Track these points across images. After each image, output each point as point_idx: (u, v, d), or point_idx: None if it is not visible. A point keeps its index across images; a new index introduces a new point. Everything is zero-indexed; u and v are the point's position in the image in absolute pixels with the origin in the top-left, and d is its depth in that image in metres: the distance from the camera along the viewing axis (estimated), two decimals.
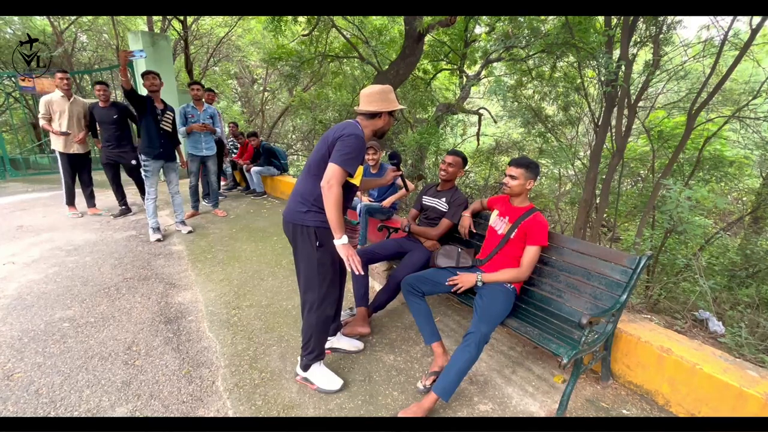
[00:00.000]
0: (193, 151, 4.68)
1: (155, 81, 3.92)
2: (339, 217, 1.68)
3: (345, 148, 1.69)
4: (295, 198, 1.85)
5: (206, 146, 4.73)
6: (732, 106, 4.96)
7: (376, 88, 1.86)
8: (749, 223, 5.01)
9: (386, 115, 1.87)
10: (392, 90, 1.90)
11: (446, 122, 8.42)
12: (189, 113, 4.58)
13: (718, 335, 2.20)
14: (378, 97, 1.84)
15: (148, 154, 3.87)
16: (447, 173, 2.57)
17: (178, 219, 4.36)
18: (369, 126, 1.87)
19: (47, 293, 2.84)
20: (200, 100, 4.64)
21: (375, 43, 6.91)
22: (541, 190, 7.39)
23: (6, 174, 7.07)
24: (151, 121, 3.87)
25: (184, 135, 4.55)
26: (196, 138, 4.62)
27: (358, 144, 1.72)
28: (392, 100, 1.87)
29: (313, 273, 1.81)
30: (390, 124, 1.93)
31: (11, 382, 1.94)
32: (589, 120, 5.87)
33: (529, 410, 1.85)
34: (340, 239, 1.71)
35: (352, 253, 1.73)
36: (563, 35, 4.33)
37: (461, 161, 2.59)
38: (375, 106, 1.83)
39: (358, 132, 1.75)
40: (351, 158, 1.69)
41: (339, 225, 1.69)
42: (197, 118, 4.60)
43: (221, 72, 13.57)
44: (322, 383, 1.94)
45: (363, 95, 1.87)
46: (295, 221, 1.81)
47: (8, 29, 10.61)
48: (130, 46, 6.99)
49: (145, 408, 1.80)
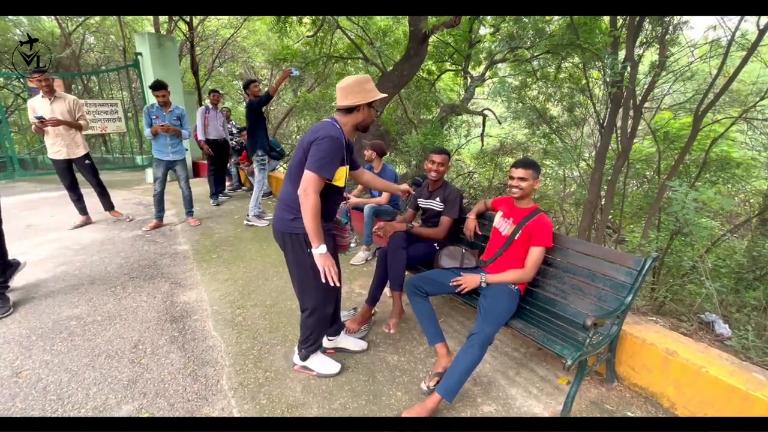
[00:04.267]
0: (158, 155, 4.27)
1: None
2: (316, 226, 1.64)
3: (319, 153, 1.63)
4: (280, 206, 1.82)
5: (173, 150, 4.31)
6: (739, 107, 4.91)
7: (351, 80, 1.75)
8: (756, 225, 4.95)
9: (365, 108, 1.77)
10: (369, 80, 1.79)
11: (450, 123, 8.42)
12: (153, 114, 4.22)
13: (725, 338, 2.18)
14: (354, 89, 1.73)
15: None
16: (438, 173, 2.54)
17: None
18: (348, 122, 1.78)
19: (55, 292, 2.88)
20: (168, 104, 4.25)
21: (379, 44, 6.92)
22: (546, 191, 7.36)
23: (15, 174, 7.15)
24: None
25: (149, 137, 4.25)
26: (161, 141, 4.23)
27: (332, 146, 1.65)
28: (369, 90, 1.76)
29: (308, 278, 1.79)
30: (372, 117, 1.83)
31: (20, 379, 1.96)
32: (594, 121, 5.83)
33: (533, 411, 1.85)
34: (318, 248, 1.66)
35: (329, 264, 1.69)
36: (568, 36, 4.32)
37: (447, 158, 2.57)
38: (351, 100, 1.73)
39: (333, 133, 1.67)
40: (326, 163, 1.63)
41: (316, 234, 1.64)
42: (162, 120, 4.21)
43: (226, 73, 13.65)
44: (321, 369, 2.02)
45: (338, 89, 1.76)
46: (284, 230, 1.79)
47: (17, 31, 10.74)
48: (137, 48, 7.06)
49: (150, 406, 1.82)
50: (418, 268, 2.59)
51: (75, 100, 4.13)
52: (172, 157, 4.33)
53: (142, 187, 6.73)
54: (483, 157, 7.72)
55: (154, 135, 4.20)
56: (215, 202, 5.66)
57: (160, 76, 6.70)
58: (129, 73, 7.96)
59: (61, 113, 3.98)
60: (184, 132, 4.37)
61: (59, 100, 4.01)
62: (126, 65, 8.09)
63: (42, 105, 3.94)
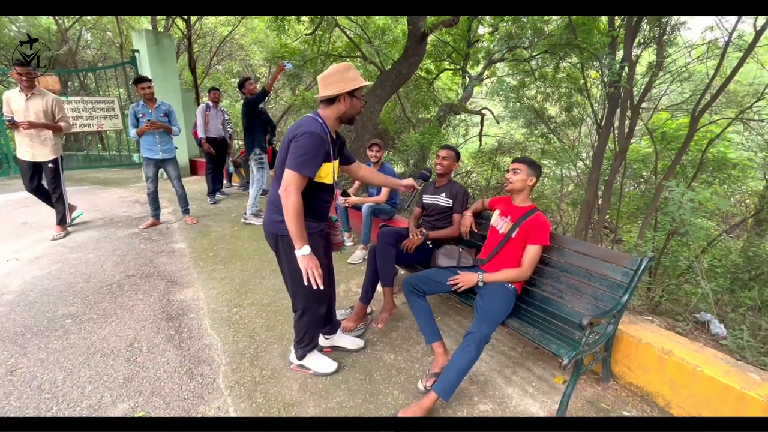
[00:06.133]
0: (147, 153, 4.15)
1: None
2: (299, 226, 1.59)
3: (298, 150, 1.57)
4: (269, 207, 1.79)
5: (162, 148, 4.17)
6: (736, 108, 4.94)
7: (331, 69, 1.67)
8: (752, 226, 4.98)
9: (346, 97, 1.67)
10: (351, 67, 1.68)
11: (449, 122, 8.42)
12: (139, 112, 4.06)
13: (720, 338, 2.19)
14: (334, 79, 1.65)
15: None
16: (443, 167, 2.61)
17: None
18: (331, 114, 1.70)
19: (50, 290, 2.86)
20: (153, 99, 4.13)
21: (378, 43, 6.91)
22: (543, 191, 7.38)
23: (11, 171, 7.11)
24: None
25: (135, 137, 4.14)
26: (150, 139, 4.10)
27: (311, 142, 1.58)
28: (351, 79, 1.66)
29: (300, 279, 1.74)
30: (355, 107, 1.72)
31: (14, 377, 1.95)
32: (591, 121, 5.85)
33: (530, 410, 1.85)
34: (301, 249, 1.62)
35: (312, 265, 1.65)
36: (566, 36, 4.33)
37: (454, 154, 2.65)
38: (332, 90, 1.65)
39: (313, 128, 1.61)
40: (305, 160, 1.57)
41: (299, 235, 1.60)
42: (149, 117, 4.05)
43: (224, 71, 13.60)
44: (318, 367, 2.02)
45: (319, 79, 1.68)
46: (274, 231, 1.75)
47: (13, 27, 10.66)
48: (134, 45, 7.02)
49: (146, 404, 1.81)
50: (416, 267, 2.59)
51: (55, 99, 3.77)
52: (162, 156, 4.19)
53: (139, 185, 6.69)
54: (481, 156, 7.73)
55: (140, 135, 4.06)
56: (212, 201, 5.64)
57: (157, 74, 6.69)
58: (126, 70, 7.91)
59: (36, 112, 3.63)
60: (174, 128, 4.21)
61: (36, 97, 3.66)
62: (123, 62, 8.05)
63: (17, 100, 3.64)
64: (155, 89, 4.18)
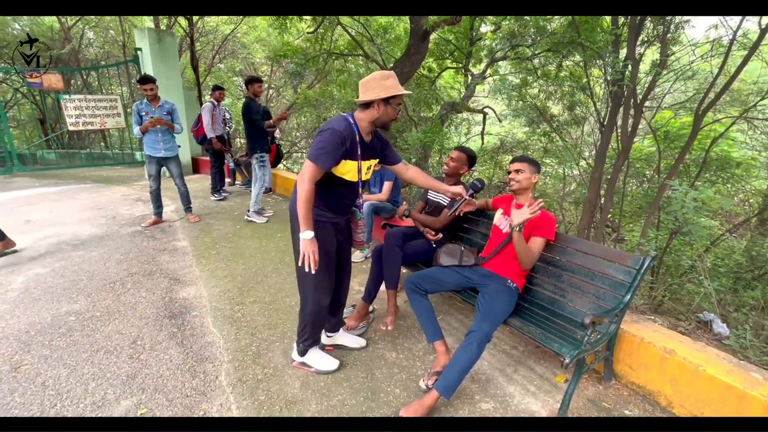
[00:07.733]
0: (149, 151, 4.16)
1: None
2: (306, 211, 1.68)
3: (318, 143, 1.68)
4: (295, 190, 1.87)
5: (165, 146, 4.17)
6: (740, 107, 4.90)
7: (372, 75, 1.74)
8: (755, 225, 4.95)
9: (381, 104, 1.72)
10: (391, 75, 1.74)
11: (451, 121, 8.40)
12: (143, 110, 4.08)
13: (723, 337, 2.19)
14: (372, 85, 1.71)
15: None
16: (448, 167, 2.57)
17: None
18: (365, 117, 1.76)
19: (54, 287, 2.88)
20: (156, 98, 4.13)
21: (380, 41, 6.90)
22: (546, 190, 7.35)
23: (13, 169, 7.14)
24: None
25: (138, 135, 4.14)
26: (153, 137, 4.11)
27: (331, 139, 1.67)
28: (389, 87, 1.71)
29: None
30: (389, 114, 1.76)
31: (18, 374, 1.97)
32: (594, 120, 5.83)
33: (531, 409, 1.86)
34: (303, 233, 1.70)
35: (311, 249, 1.71)
36: (569, 34, 4.30)
37: (465, 158, 2.55)
38: (369, 95, 1.71)
39: (337, 126, 1.69)
40: (322, 153, 1.67)
41: (305, 219, 1.69)
42: (152, 115, 4.07)
43: (227, 69, 13.60)
44: (320, 365, 2.03)
45: (360, 84, 1.76)
46: (292, 208, 1.84)
47: (16, 25, 10.69)
48: (137, 43, 7.03)
49: (149, 401, 1.82)
50: (417, 266, 2.59)
51: None
52: (164, 154, 4.19)
53: (141, 183, 6.71)
54: (483, 155, 7.71)
55: (144, 132, 4.07)
56: (219, 198, 5.65)
57: (159, 72, 6.70)
58: (129, 68, 7.93)
59: None
60: (177, 126, 4.24)
61: None
62: (126, 60, 8.06)
63: None
64: None
